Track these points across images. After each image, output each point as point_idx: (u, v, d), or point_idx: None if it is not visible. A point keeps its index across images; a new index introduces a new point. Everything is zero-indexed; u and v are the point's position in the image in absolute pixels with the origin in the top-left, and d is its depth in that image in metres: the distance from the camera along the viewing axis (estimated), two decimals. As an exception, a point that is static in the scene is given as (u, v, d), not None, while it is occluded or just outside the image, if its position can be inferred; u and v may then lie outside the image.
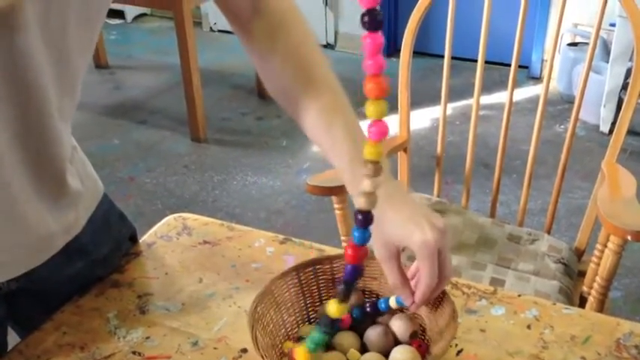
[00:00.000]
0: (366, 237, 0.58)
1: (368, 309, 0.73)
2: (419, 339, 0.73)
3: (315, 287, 0.79)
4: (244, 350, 0.77)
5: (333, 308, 0.60)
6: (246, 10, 0.77)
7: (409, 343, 0.71)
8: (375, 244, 0.67)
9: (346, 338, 0.72)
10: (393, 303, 0.71)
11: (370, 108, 0.54)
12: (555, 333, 0.78)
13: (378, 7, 0.51)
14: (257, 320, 0.70)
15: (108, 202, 0.90)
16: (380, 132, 0.54)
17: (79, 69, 0.70)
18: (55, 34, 0.63)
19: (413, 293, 0.67)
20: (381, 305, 0.72)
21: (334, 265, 0.79)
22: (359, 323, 0.73)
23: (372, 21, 0.51)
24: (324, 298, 0.80)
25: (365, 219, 0.57)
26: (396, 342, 0.72)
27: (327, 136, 0.72)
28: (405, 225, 0.65)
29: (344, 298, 0.60)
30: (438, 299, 0.72)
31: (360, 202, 0.57)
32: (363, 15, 0.52)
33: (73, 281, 0.86)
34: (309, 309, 0.79)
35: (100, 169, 0.89)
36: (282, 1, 0.78)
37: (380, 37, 0.52)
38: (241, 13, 0.77)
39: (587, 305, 1.23)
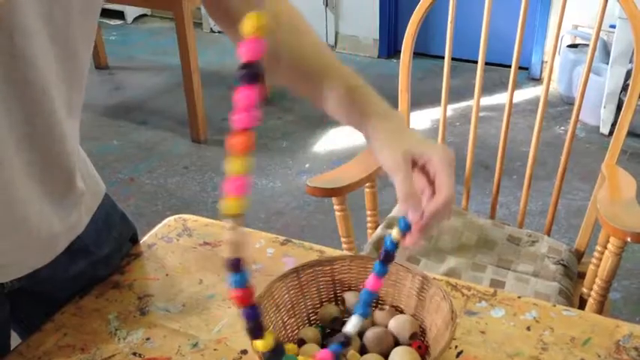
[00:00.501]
0: (244, 279, 0.59)
1: (381, 258, 0.70)
2: (418, 340, 0.73)
3: (315, 289, 0.79)
4: (244, 352, 0.77)
5: (259, 345, 0.61)
6: (239, 4, 0.77)
7: (409, 344, 0.71)
8: (388, 153, 0.69)
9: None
10: (396, 233, 0.69)
11: (232, 165, 0.52)
12: (555, 335, 0.78)
13: (257, 61, 0.48)
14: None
15: (109, 202, 0.90)
16: (240, 188, 0.54)
17: (84, 62, 0.70)
18: (59, 29, 0.62)
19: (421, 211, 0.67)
20: (387, 245, 0.70)
21: (334, 267, 0.79)
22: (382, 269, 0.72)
23: (248, 75, 0.48)
24: (324, 299, 0.80)
25: (236, 265, 0.58)
26: (396, 343, 0.72)
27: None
28: (424, 140, 0.71)
29: (256, 336, 0.61)
30: (436, 299, 0.72)
31: (227, 251, 0.58)
32: (240, 67, 0.49)
33: (75, 281, 0.86)
34: (310, 311, 0.79)
35: (100, 170, 0.89)
36: None
37: (256, 90, 0.49)
38: (232, 10, 0.77)
39: (587, 307, 1.23)
